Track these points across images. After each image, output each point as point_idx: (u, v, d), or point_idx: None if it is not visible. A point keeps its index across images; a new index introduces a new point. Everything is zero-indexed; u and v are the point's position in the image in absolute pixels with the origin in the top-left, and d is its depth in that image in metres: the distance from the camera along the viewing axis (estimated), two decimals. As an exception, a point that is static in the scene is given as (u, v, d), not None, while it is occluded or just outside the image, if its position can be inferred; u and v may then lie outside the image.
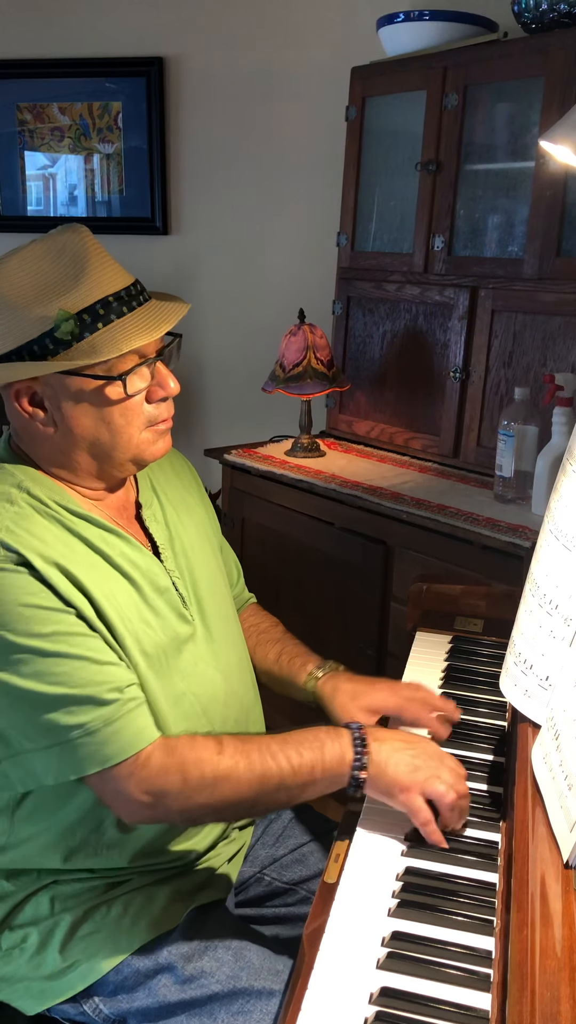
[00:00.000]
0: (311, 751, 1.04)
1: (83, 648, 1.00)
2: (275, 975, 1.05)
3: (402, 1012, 0.80)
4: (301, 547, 2.29)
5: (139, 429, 1.09)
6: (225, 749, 1.03)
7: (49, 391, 1.04)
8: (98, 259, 1.04)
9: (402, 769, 1.02)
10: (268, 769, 1.03)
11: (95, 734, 0.98)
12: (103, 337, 1.02)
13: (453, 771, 1.04)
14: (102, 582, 1.05)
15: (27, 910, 1.13)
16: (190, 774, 1.01)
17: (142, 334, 1.03)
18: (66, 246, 1.04)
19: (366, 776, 1.03)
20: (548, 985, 0.68)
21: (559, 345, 2.03)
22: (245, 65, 2.78)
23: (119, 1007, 1.08)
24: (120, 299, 1.04)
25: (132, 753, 1.00)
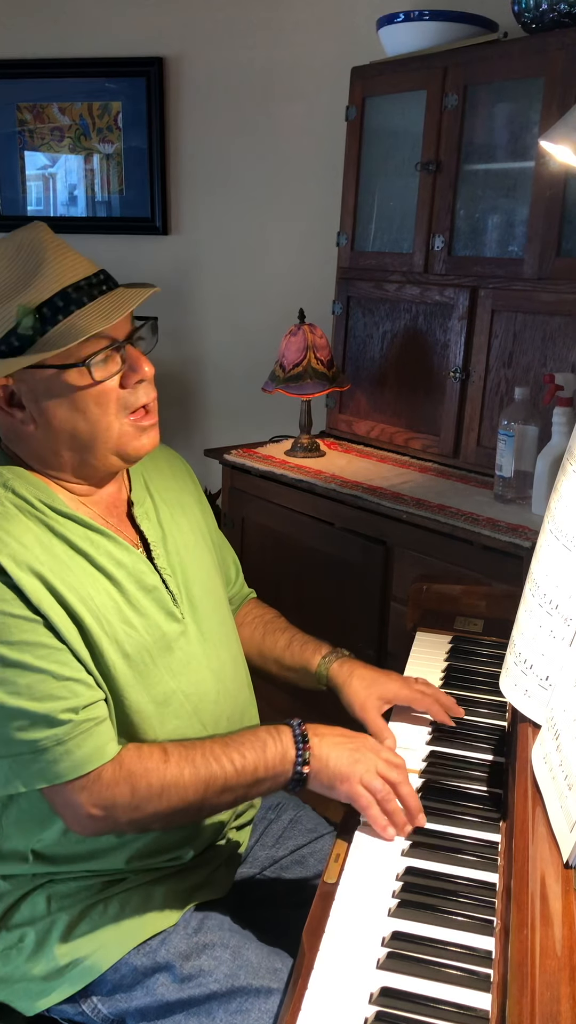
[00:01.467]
0: (253, 751, 1.06)
1: (46, 661, 1.00)
2: (273, 974, 1.05)
3: (402, 1012, 0.80)
4: (301, 547, 2.29)
5: (116, 417, 1.08)
6: (171, 757, 1.04)
7: (24, 388, 1.04)
8: (55, 252, 1.04)
9: (343, 761, 1.05)
10: (212, 773, 1.04)
11: (47, 752, 0.99)
12: (63, 327, 1.01)
13: (389, 762, 1.07)
14: (80, 586, 1.04)
15: (23, 909, 1.13)
16: (138, 785, 1.02)
17: (101, 320, 1.02)
18: (22, 244, 1.04)
19: (309, 771, 1.06)
20: (548, 985, 0.68)
21: (559, 345, 2.03)
22: (245, 65, 2.78)
23: (117, 1006, 1.08)
24: (80, 289, 1.03)
25: (82, 773, 1.01)
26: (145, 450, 1.12)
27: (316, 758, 1.06)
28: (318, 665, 1.30)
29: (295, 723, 1.09)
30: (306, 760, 1.06)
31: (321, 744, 1.07)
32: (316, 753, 1.06)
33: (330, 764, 1.05)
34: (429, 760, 1.17)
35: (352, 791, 1.04)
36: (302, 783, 1.06)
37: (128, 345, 1.07)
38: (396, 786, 1.04)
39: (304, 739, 1.07)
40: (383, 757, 1.08)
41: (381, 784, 1.04)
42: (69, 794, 1.02)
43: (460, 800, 1.08)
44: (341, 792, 1.05)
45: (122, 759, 1.03)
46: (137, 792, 1.02)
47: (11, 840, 1.11)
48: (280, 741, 1.07)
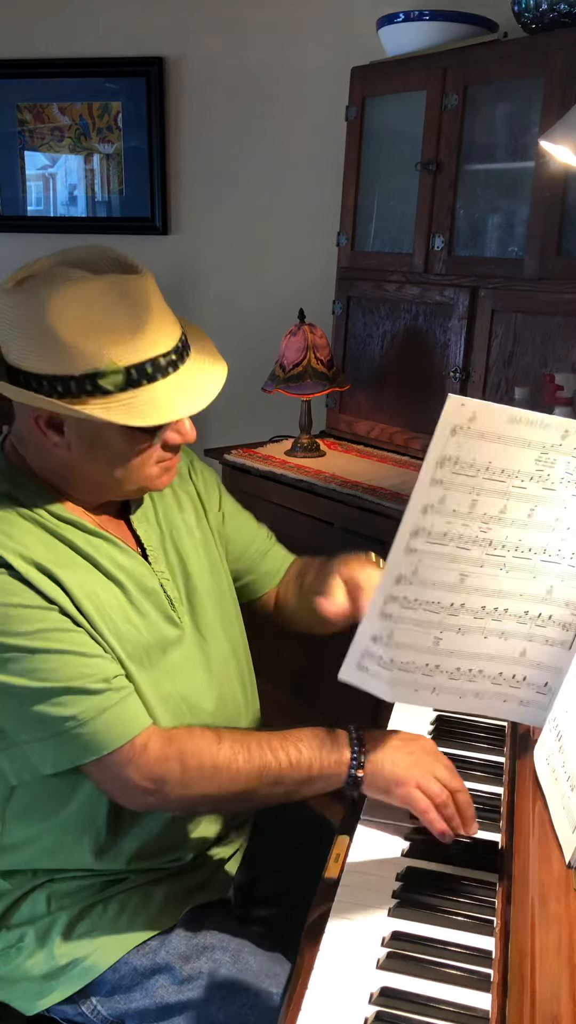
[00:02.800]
0: (310, 749, 1.05)
1: (68, 643, 1.00)
2: (272, 977, 1.05)
3: (402, 1012, 0.80)
4: (301, 547, 2.28)
5: (150, 467, 1.09)
6: (224, 740, 1.05)
7: (73, 421, 1.02)
8: (158, 313, 1.01)
9: (399, 765, 1.04)
10: (267, 762, 1.04)
11: (88, 723, 0.99)
12: (145, 396, 1.00)
13: (448, 768, 1.06)
14: (85, 583, 1.05)
15: (23, 909, 1.13)
16: (189, 763, 1.02)
17: (184, 404, 1.02)
18: (130, 292, 0.99)
19: (363, 775, 1.05)
20: (548, 985, 0.68)
21: (559, 345, 2.03)
22: (245, 65, 2.78)
23: (117, 1008, 1.08)
24: (168, 360, 1.02)
25: (127, 740, 1.01)
26: (164, 486, 1.13)
27: (371, 762, 1.05)
28: (332, 565, 1.18)
29: (353, 727, 1.09)
30: (361, 764, 1.05)
31: (376, 748, 1.06)
32: (371, 758, 1.05)
33: (385, 768, 1.04)
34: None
35: (409, 795, 1.03)
36: (356, 787, 1.05)
37: None
38: (455, 793, 1.03)
39: (360, 742, 1.06)
40: (442, 762, 1.06)
41: (439, 788, 1.02)
42: (117, 768, 1.01)
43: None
44: (397, 796, 1.04)
45: (172, 736, 1.04)
46: (188, 770, 1.02)
47: (12, 834, 1.11)
48: (337, 742, 1.06)
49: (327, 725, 1.11)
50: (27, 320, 0.98)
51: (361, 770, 1.05)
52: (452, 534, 0.92)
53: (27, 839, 1.11)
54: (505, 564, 0.94)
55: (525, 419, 0.87)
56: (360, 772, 1.05)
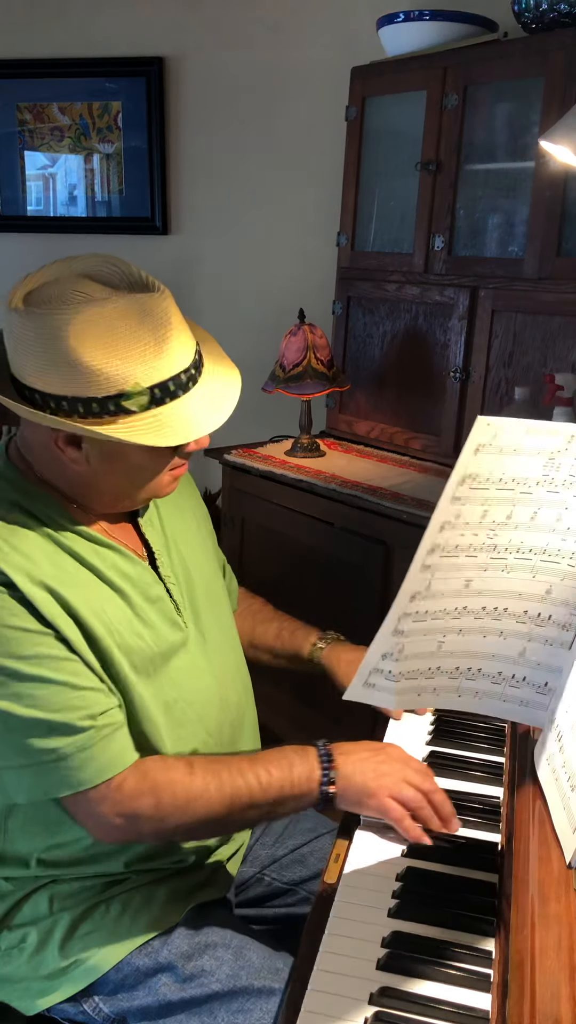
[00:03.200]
0: (280, 770, 1.06)
1: (62, 672, 0.99)
2: (275, 974, 1.06)
3: (402, 1012, 0.80)
4: (301, 547, 2.29)
5: (165, 476, 1.10)
6: (196, 770, 1.04)
7: (92, 440, 1.01)
8: (178, 331, 1.01)
9: (368, 776, 1.05)
10: (238, 789, 1.04)
11: (68, 759, 0.99)
12: (168, 413, 1.00)
13: (418, 770, 1.07)
14: (92, 599, 1.04)
15: (26, 909, 1.13)
16: (163, 796, 1.02)
17: (208, 420, 1.03)
18: (149, 311, 0.98)
19: (335, 790, 1.05)
20: (548, 985, 0.68)
21: (559, 345, 2.03)
22: (245, 65, 2.78)
23: (119, 1006, 1.08)
24: (188, 375, 1.02)
25: (104, 779, 1.01)
26: (169, 493, 1.14)
27: (342, 776, 1.05)
28: (309, 652, 1.33)
29: (320, 743, 1.09)
30: (332, 780, 1.05)
31: (346, 762, 1.07)
32: (342, 772, 1.06)
33: (356, 781, 1.05)
34: (429, 760, 1.17)
35: (381, 805, 1.03)
36: (329, 802, 1.06)
37: None
38: (429, 794, 1.04)
39: (329, 758, 1.07)
40: (411, 767, 1.07)
41: (412, 793, 1.03)
42: (91, 804, 1.01)
43: (460, 800, 1.08)
44: (371, 807, 1.04)
45: (147, 770, 1.03)
46: (162, 804, 1.02)
47: (15, 844, 1.11)
48: (306, 760, 1.07)
49: (327, 724, 1.12)
50: (45, 343, 0.96)
51: (332, 786, 1.05)
52: (463, 545, 0.93)
53: (30, 849, 1.11)
54: (507, 565, 0.95)
55: (538, 429, 0.88)
56: (332, 788, 1.05)
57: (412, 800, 1.03)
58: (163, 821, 1.03)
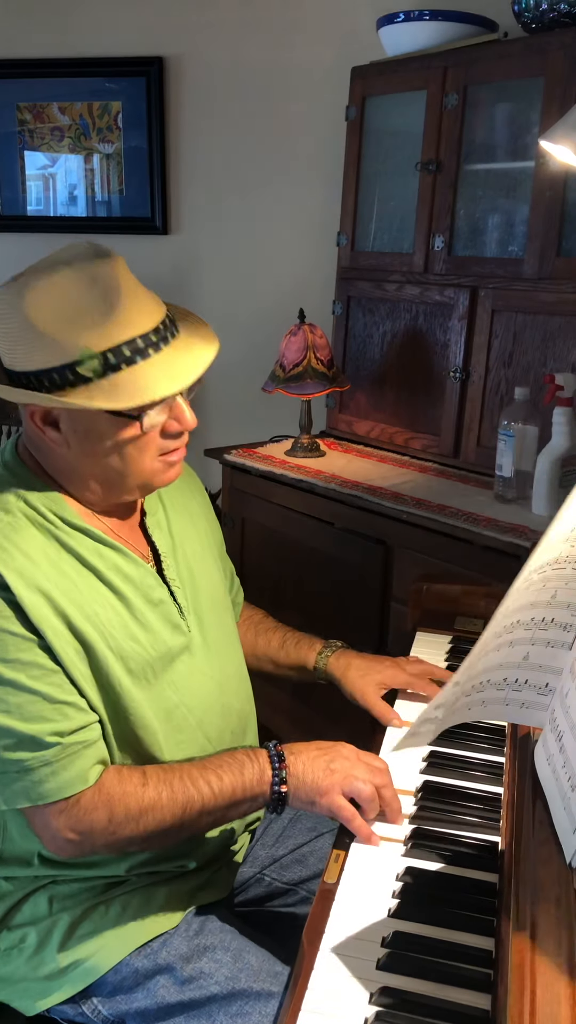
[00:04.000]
0: (231, 774, 1.06)
1: (40, 682, 0.99)
2: (274, 977, 1.05)
3: (402, 1012, 0.80)
4: (301, 547, 2.29)
5: (152, 459, 1.08)
6: (149, 780, 1.04)
7: (65, 415, 1.03)
8: (131, 294, 1.01)
9: (319, 774, 1.05)
10: (190, 797, 1.04)
11: (31, 772, 0.99)
12: (125, 379, 0.99)
13: (368, 766, 1.07)
14: (86, 603, 1.04)
15: (25, 910, 1.13)
16: (116, 809, 1.02)
17: (166, 383, 1.01)
18: (98, 276, 1.00)
19: (287, 790, 1.06)
20: (548, 985, 0.68)
21: (559, 345, 2.03)
22: (245, 65, 2.78)
23: (118, 1008, 1.08)
24: (148, 340, 1.01)
25: (64, 796, 1.00)
26: (170, 481, 1.12)
27: (293, 776, 1.06)
28: (315, 662, 1.32)
29: (271, 744, 1.09)
30: (283, 779, 1.06)
31: (296, 761, 1.07)
32: (292, 771, 1.06)
33: (307, 780, 1.06)
34: (429, 760, 1.17)
35: (333, 803, 1.04)
36: (282, 802, 1.06)
37: (179, 395, 1.07)
38: (380, 788, 1.04)
39: (280, 758, 1.07)
40: (363, 761, 1.07)
41: (362, 784, 1.04)
42: (48, 817, 1.02)
43: (460, 800, 1.08)
44: (323, 806, 1.05)
45: (101, 783, 1.03)
46: (115, 817, 1.02)
47: (15, 845, 1.11)
48: (257, 762, 1.07)
49: (326, 723, 1.12)
50: (9, 319, 0.99)
51: (284, 785, 1.06)
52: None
53: (32, 850, 1.11)
54: (529, 584, 0.95)
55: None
56: (283, 788, 1.06)
57: (362, 791, 1.03)
58: (115, 834, 1.03)
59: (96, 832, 1.02)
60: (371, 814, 1.04)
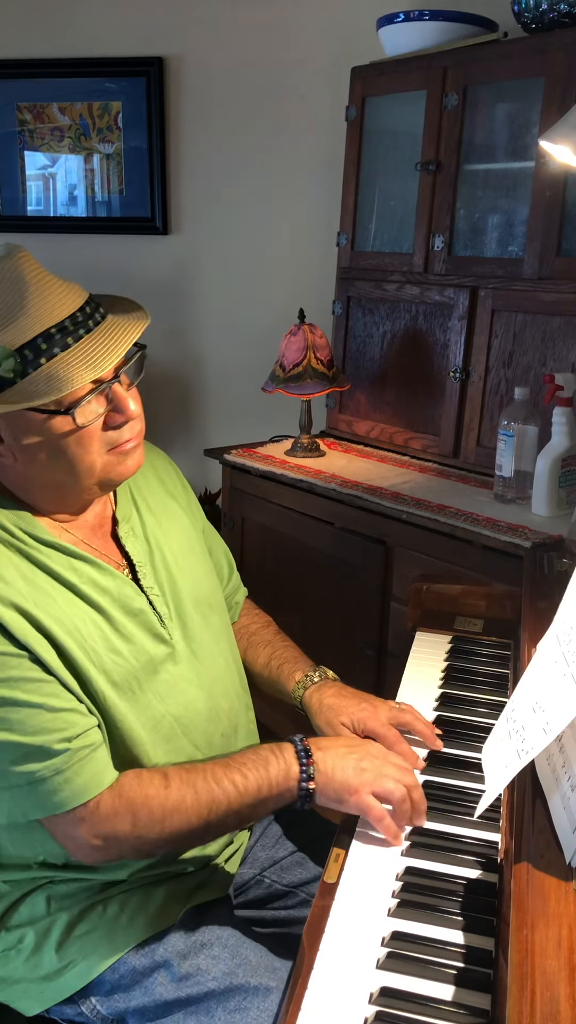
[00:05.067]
0: (256, 771, 1.04)
1: (37, 695, 0.98)
2: (272, 972, 1.05)
3: (402, 1012, 0.80)
4: (301, 547, 2.29)
5: (100, 455, 1.04)
6: (171, 782, 1.03)
7: (3, 424, 1.00)
8: (37, 288, 0.97)
9: (349, 773, 1.03)
10: (215, 796, 1.02)
11: (45, 782, 0.98)
12: (47, 372, 0.96)
13: (399, 766, 1.05)
14: (65, 618, 1.02)
15: (22, 910, 1.13)
16: (139, 813, 1.01)
17: (87, 369, 0.97)
18: (2, 275, 0.97)
19: (314, 787, 1.04)
20: (548, 985, 0.68)
21: (559, 345, 2.03)
22: (245, 65, 2.78)
23: (116, 1006, 1.08)
24: (64, 329, 0.98)
25: (81, 802, 0.99)
26: (129, 473, 1.08)
27: (321, 772, 1.04)
28: (292, 691, 1.27)
29: (297, 739, 1.07)
30: (311, 775, 1.04)
31: (325, 758, 1.05)
32: (320, 768, 1.04)
33: (336, 777, 1.03)
34: (429, 760, 1.17)
35: (362, 803, 1.02)
36: (309, 799, 1.05)
37: (115, 383, 1.03)
38: (411, 789, 1.03)
39: (307, 754, 1.05)
40: (392, 761, 1.06)
41: (394, 785, 1.02)
42: (68, 826, 1.01)
43: (460, 800, 1.08)
44: (351, 804, 1.03)
45: (122, 788, 1.01)
46: (139, 821, 1.01)
47: (15, 848, 1.11)
48: (283, 758, 1.05)
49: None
50: None
51: (312, 782, 1.04)
52: None
53: (30, 851, 1.10)
54: None
55: None
56: (311, 784, 1.04)
57: (394, 792, 1.02)
58: (141, 838, 1.02)
59: (121, 837, 1.01)
60: (403, 817, 1.02)
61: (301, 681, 1.26)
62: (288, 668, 1.29)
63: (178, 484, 1.30)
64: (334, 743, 1.08)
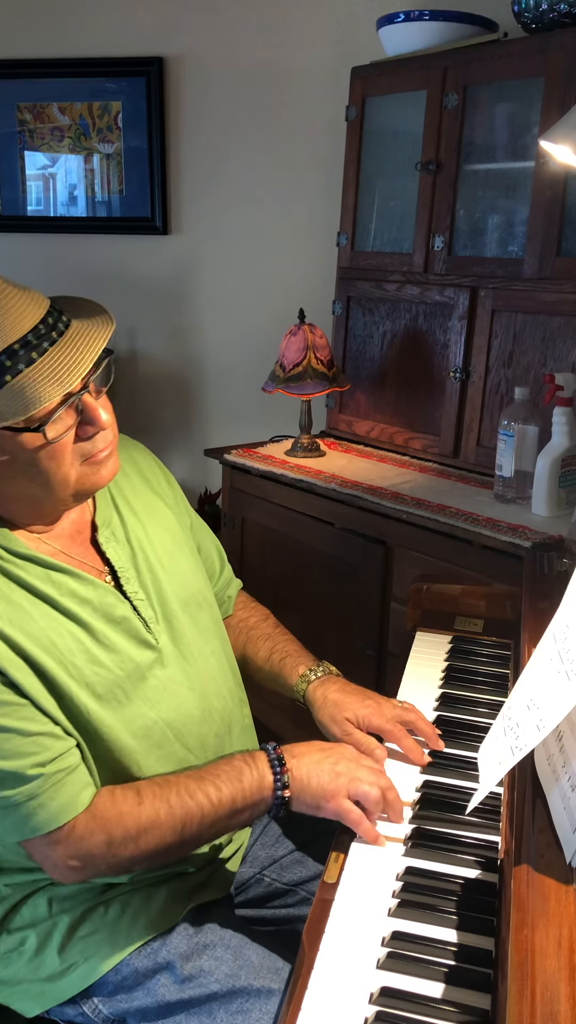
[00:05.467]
0: (229, 783, 1.04)
1: (10, 719, 0.97)
2: (274, 974, 1.05)
3: (402, 1012, 0.80)
4: (301, 547, 2.29)
5: (74, 467, 1.02)
6: (144, 798, 1.02)
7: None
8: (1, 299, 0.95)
9: (324, 778, 1.04)
10: (189, 810, 1.02)
11: (19, 807, 0.97)
12: (14, 389, 0.94)
13: (372, 768, 1.06)
14: (42, 635, 1.01)
15: (24, 912, 1.13)
16: (113, 832, 1.00)
17: (54, 384, 0.95)
18: None
19: (290, 795, 1.04)
20: (548, 985, 0.68)
21: (559, 345, 2.03)
22: (245, 65, 2.78)
23: (118, 1007, 1.08)
24: (27, 344, 0.95)
25: (57, 825, 0.99)
26: (104, 483, 1.07)
27: (295, 780, 1.04)
28: (295, 684, 1.27)
29: (270, 747, 1.07)
30: (285, 784, 1.04)
31: (299, 765, 1.05)
32: (295, 775, 1.04)
33: (311, 784, 1.04)
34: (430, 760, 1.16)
35: (339, 808, 1.02)
36: (285, 807, 1.05)
37: (84, 394, 1.00)
38: (384, 791, 1.03)
39: (280, 762, 1.05)
40: (364, 764, 1.06)
41: (368, 787, 1.02)
42: (45, 848, 1.00)
43: (460, 800, 1.08)
44: (328, 810, 1.03)
45: (95, 808, 1.01)
46: (113, 840, 1.00)
47: (13, 853, 1.10)
48: (256, 768, 1.05)
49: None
50: None
51: (287, 790, 1.04)
52: None
53: (24, 862, 1.10)
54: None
55: None
56: (286, 792, 1.04)
57: (369, 795, 1.02)
58: (116, 856, 1.01)
59: (97, 856, 1.01)
60: (375, 817, 1.03)
61: (304, 676, 1.26)
62: (290, 662, 1.28)
63: (162, 480, 1.28)
64: (308, 749, 1.08)
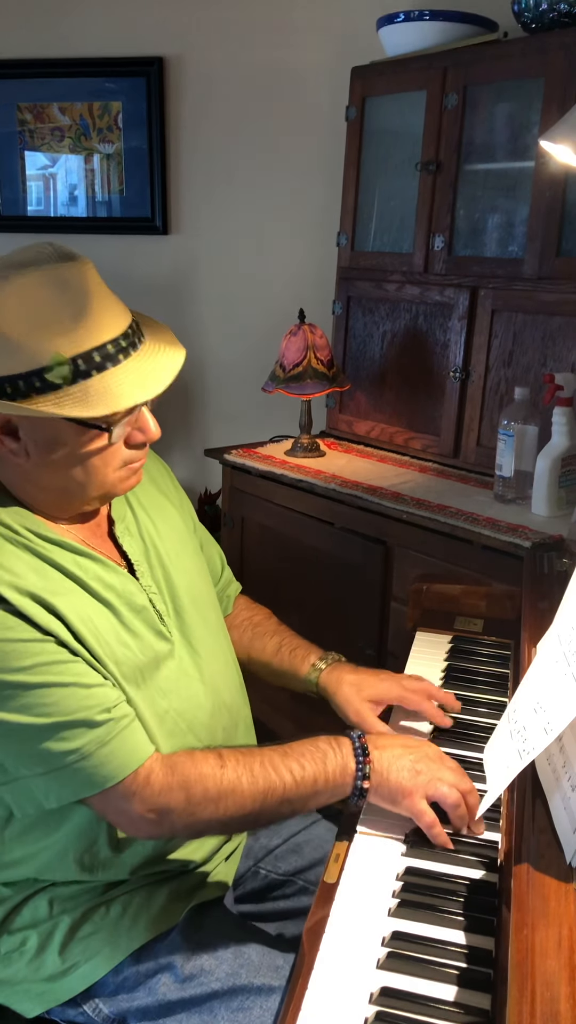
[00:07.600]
0: (313, 763, 1.04)
1: (68, 675, 0.98)
2: (275, 971, 1.05)
3: (402, 1012, 0.80)
4: (301, 547, 2.29)
5: (115, 470, 1.05)
6: (227, 763, 1.03)
7: (26, 424, 0.99)
8: (100, 299, 0.98)
9: (404, 775, 1.03)
10: (271, 783, 1.02)
11: (90, 757, 0.98)
12: (96, 386, 0.97)
13: (454, 770, 1.05)
14: (79, 607, 1.02)
15: (25, 913, 1.13)
16: (193, 791, 1.01)
17: (138, 390, 0.99)
18: (69, 281, 0.96)
19: (369, 785, 1.04)
20: (548, 985, 0.68)
21: (559, 345, 2.03)
22: (245, 65, 2.78)
23: (119, 1007, 1.08)
24: (118, 346, 0.99)
25: (130, 771, 0.99)
26: (129, 489, 1.10)
27: (376, 772, 1.04)
28: (307, 673, 1.28)
29: (355, 735, 1.07)
30: (366, 774, 1.04)
31: (382, 757, 1.05)
32: (376, 767, 1.04)
33: (391, 778, 1.03)
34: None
35: (415, 807, 1.01)
36: (363, 797, 1.05)
37: (146, 404, 1.04)
38: (466, 795, 1.02)
39: (364, 751, 1.05)
40: (447, 765, 1.05)
41: (448, 789, 1.02)
42: (120, 800, 1.00)
43: (460, 800, 1.08)
44: (404, 807, 1.02)
45: (175, 764, 1.02)
46: (192, 797, 1.01)
47: (12, 852, 1.11)
48: (340, 752, 1.05)
49: (327, 722, 1.11)
50: None
51: (367, 781, 1.04)
52: None
53: (26, 856, 1.10)
54: None
55: None
56: (366, 783, 1.04)
57: (448, 796, 1.01)
58: (194, 815, 1.01)
59: (175, 812, 1.01)
60: (458, 823, 1.02)
61: (315, 665, 1.28)
62: (301, 653, 1.31)
63: (169, 483, 1.31)
64: (391, 742, 1.08)
